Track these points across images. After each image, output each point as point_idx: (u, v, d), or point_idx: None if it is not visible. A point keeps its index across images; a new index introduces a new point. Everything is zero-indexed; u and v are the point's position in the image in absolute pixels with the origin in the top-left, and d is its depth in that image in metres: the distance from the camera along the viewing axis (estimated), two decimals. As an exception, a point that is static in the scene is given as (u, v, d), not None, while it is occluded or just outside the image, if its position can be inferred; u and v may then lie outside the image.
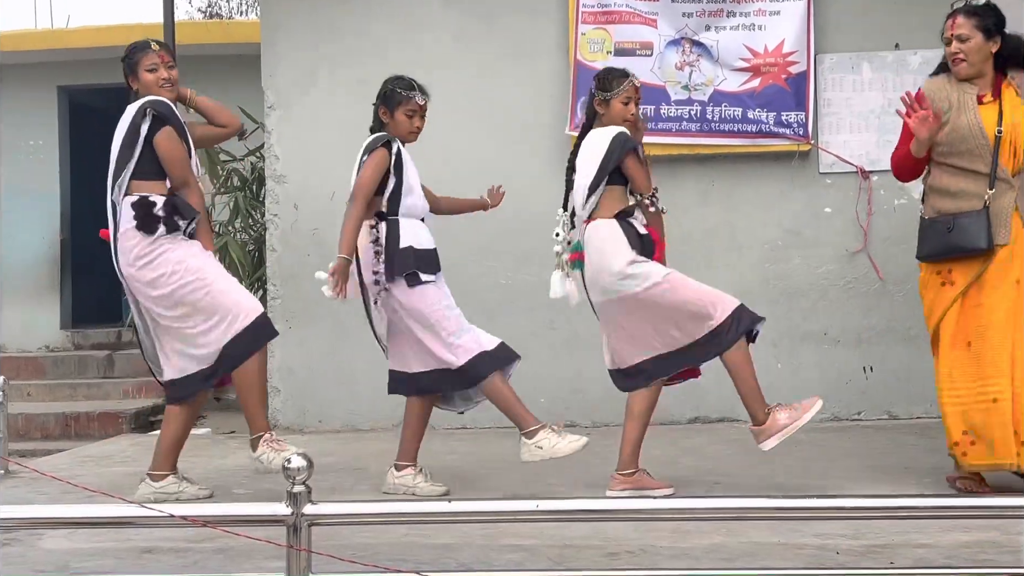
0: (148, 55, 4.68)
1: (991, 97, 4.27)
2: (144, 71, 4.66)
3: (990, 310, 4.20)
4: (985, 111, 4.24)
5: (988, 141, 4.19)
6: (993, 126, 4.20)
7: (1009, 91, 4.28)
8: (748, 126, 6.31)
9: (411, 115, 4.69)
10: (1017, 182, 4.23)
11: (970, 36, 4.24)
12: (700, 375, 4.73)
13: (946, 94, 4.29)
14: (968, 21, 4.25)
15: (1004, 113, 4.21)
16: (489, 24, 6.59)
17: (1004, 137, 4.18)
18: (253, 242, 7.56)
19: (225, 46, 9.17)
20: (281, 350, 6.65)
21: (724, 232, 6.43)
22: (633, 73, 4.64)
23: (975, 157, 4.22)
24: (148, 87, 4.65)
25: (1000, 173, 4.20)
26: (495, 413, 6.36)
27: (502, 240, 6.37)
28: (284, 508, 2.77)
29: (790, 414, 4.42)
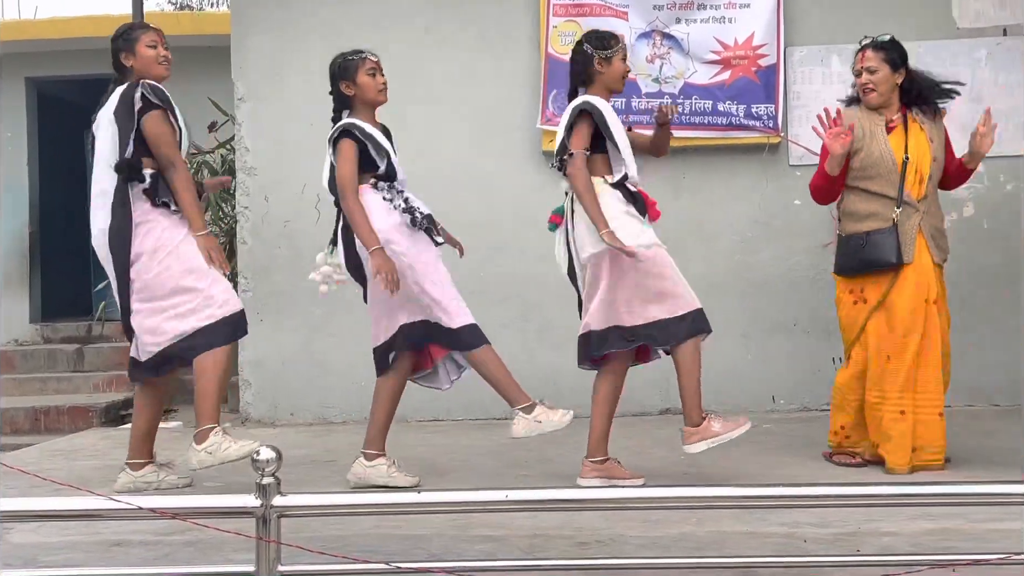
0: (148, 32, 4.76)
1: (899, 124, 4.66)
2: (145, 46, 4.69)
3: (907, 330, 4.56)
4: (893, 139, 4.63)
5: (896, 167, 4.58)
6: (901, 153, 4.58)
7: (915, 123, 4.66)
8: (718, 119, 6.34)
9: (372, 73, 4.69)
10: (921, 206, 4.60)
11: (878, 68, 4.64)
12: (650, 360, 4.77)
13: (859, 123, 4.66)
14: (876, 55, 4.65)
15: (909, 142, 4.61)
16: (460, 17, 6.58)
17: (910, 164, 4.57)
18: (224, 235, 7.52)
19: (195, 37, 9.10)
20: (252, 343, 6.62)
21: (695, 224, 6.46)
22: None
23: (885, 182, 4.59)
24: (147, 63, 4.68)
25: (906, 197, 4.58)
26: (468, 404, 6.41)
27: (474, 232, 6.35)
28: (253, 500, 2.77)
29: (724, 425, 4.49)
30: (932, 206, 4.64)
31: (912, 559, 3.06)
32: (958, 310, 6.24)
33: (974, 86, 6.22)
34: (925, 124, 4.66)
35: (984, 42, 6.25)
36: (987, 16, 6.16)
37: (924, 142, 4.62)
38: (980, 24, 6.20)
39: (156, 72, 4.72)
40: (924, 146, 4.61)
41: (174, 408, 7.71)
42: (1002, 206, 6.28)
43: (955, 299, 6.23)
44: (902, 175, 4.56)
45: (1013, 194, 6.28)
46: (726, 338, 6.42)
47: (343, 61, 4.72)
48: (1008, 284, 6.21)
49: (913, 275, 4.58)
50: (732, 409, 6.38)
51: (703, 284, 6.41)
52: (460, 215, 6.18)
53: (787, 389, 6.39)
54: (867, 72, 4.64)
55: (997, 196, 6.30)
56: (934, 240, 4.63)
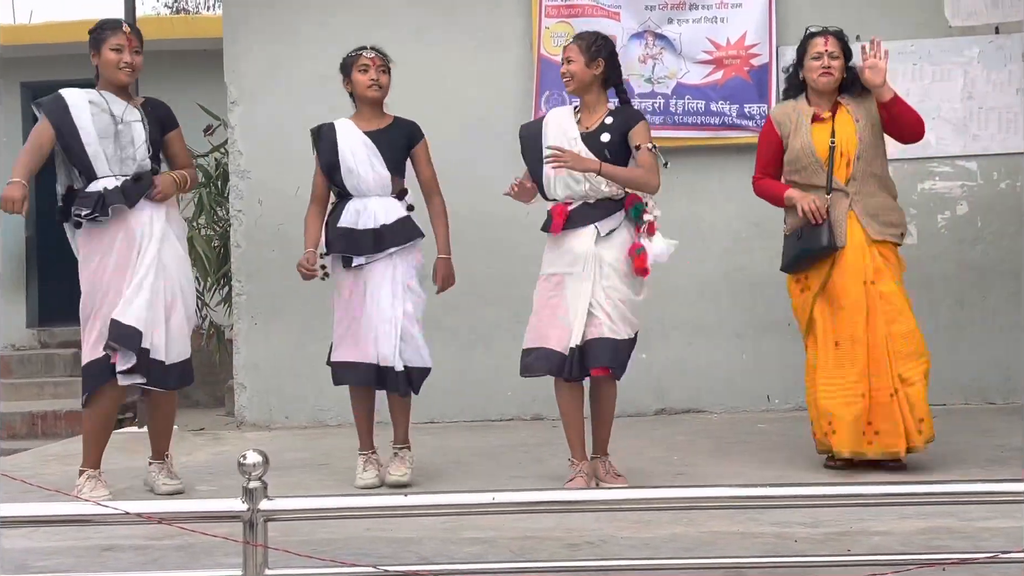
0: (117, 34, 4.63)
1: (828, 114, 4.69)
2: (108, 48, 4.61)
3: (851, 312, 4.58)
4: (819, 129, 4.68)
5: (820, 157, 4.64)
6: (826, 142, 4.64)
7: (842, 108, 4.70)
8: (711, 118, 6.34)
9: (364, 70, 4.73)
10: (851, 188, 4.62)
11: (838, 56, 4.70)
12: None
13: (787, 117, 4.76)
14: (837, 43, 4.72)
15: (836, 129, 4.65)
16: (452, 18, 6.58)
17: (836, 149, 4.62)
18: (218, 238, 7.52)
19: (189, 41, 9.12)
20: (246, 346, 6.63)
21: (688, 224, 6.44)
22: None
23: (810, 172, 4.67)
24: (107, 66, 4.61)
25: (835, 184, 4.62)
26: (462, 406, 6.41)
27: (465, 233, 6.34)
28: (240, 504, 2.77)
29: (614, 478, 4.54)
30: (867, 186, 4.64)
31: (902, 559, 3.07)
32: (953, 308, 6.28)
33: (966, 84, 6.22)
34: (851, 105, 4.69)
35: (976, 40, 6.24)
36: (979, 14, 6.16)
37: (850, 124, 4.64)
38: (972, 22, 6.21)
39: (115, 78, 4.63)
40: (850, 128, 4.63)
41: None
42: (996, 204, 6.28)
43: (949, 297, 6.27)
44: (829, 162, 4.61)
45: (1007, 192, 6.27)
46: (720, 338, 6.44)
47: (344, 58, 4.81)
48: (1002, 281, 6.21)
49: (849, 256, 4.59)
50: (727, 408, 6.40)
51: (696, 284, 6.45)
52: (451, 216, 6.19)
53: (782, 388, 6.37)
54: (829, 56, 4.67)
55: (991, 194, 6.29)
56: (873, 218, 4.62)
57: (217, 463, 5.47)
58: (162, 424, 4.81)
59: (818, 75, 4.68)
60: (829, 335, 4.63)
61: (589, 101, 4.61)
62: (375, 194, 4.71)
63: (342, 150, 4.71)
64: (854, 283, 4.59)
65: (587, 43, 4.59)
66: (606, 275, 4.44)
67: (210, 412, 7.60)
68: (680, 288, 6.43)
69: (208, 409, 7.78)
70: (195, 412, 7.63)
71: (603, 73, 4.59)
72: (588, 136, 4.53)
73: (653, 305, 6.40)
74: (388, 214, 4.68)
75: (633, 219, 4.50)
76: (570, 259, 4.47)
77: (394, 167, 4.75)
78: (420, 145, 4.85)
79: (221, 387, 7.71)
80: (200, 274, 7.40)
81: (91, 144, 4.56)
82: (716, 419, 6.26)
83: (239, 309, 6.68)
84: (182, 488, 4.66)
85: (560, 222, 4.48)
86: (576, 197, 4.50)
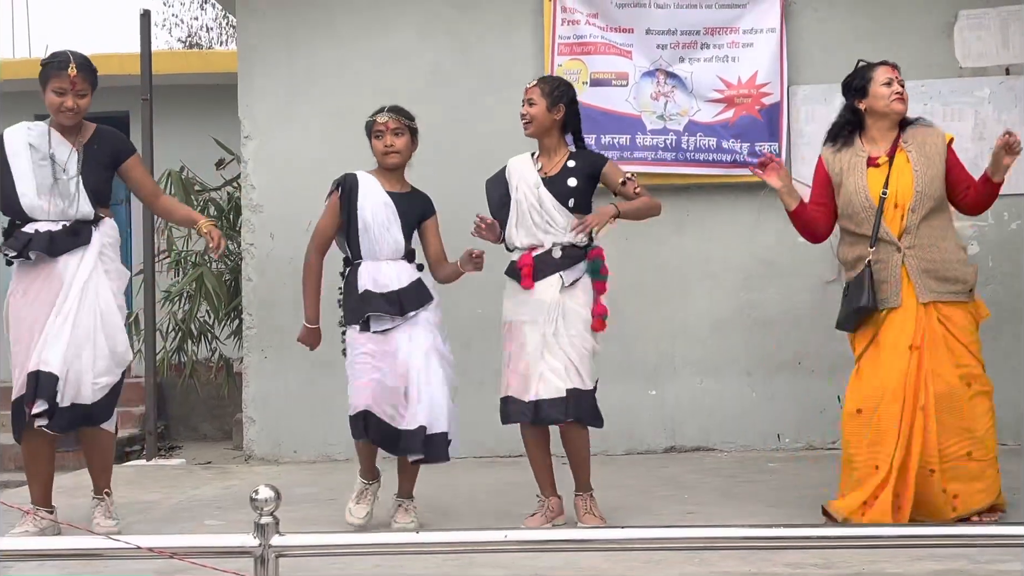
0: (60, 77, 4.45)
1: (885, 159, 4.39)
2: (51, 91, 4.48)
3: (885, 374, 4.26)
4: (873, 174, 4.37)
5: (872, 204, 4.33)
6: (879, 189, 4.32)
7: (901, 155, 4.38)
8: (722, 156, 6.36)
9: (379, 135, 4.63)
10: (904, 242, 4.31)
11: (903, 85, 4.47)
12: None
13: (840, 159, 4.46)
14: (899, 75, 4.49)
15: (892, 176, 4.33)
16: (465, 56, 6.63)
17: (888, 200, 4.30)
18: (229, 272, 7.55)
19: (203, 76, 9.18)
20: (256, 380, 6.63)
21: (699, 261, 6.47)
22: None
23: (861, 220, 4.35)
24: (50, 107, 4.51)
25: (883, 234, 4.31)
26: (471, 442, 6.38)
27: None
28: (251, 539, 2.75)
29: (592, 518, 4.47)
30: (923, 239, 4.30)
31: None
32: (964, 348, 6.26)
33: (977, 124, 6.24)
34: (912, 149, 4.38)
35: (987, 81, 6.27)
36: (989, 56, 6.21)
37: (908, 172, 4.33)
38: (983, 63, 6.26)
39: (57, 120, 4.52)
40: (907, 177, 4.32)
41: (178, 445, 7.72)
42: (1007, 244, 6.28)
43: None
44: (879, 211, 4.32)
45: (1018, 232, 6.27)
46: (730, 376, 6.42)
47: (365, 124, 4.73)
48: (1014, 322, 6.19)
49: (896, 318, 4.28)
50: (737, 447, 6.38)
51: (707, 321, 6.45)
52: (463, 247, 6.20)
53: (792, 427, 6.36)
54: (899, 83, 4.42)
55: (1002, 234, 6.30)
56: (929, 275, 4.28)
57: (225, 497, 5.45)
58: (97, 460, 4.66)
59: (892, 101, 4.38)
60: (854, 401, 4.34)
61: (548, 145, 4.61)
62: (387, 257, 4.59)
63: (362, 209, 4.58)
64: (893, 347, 4.26)
65: (550, 87, 4.59)
66: (570, 323, 4.41)
67: (218, 445, 7.60)
68: (690, 326, 6.43)
69: (216, 442, 7.78)
70: (203, 445, 7.64)
71: (563, 119, 4.59)
72: (550, 181, 4.53)
73: (663, 343, 6.46)
74: (401, 278, 4.57)
75: (589, 274, 4.47)
76: (533, 308, 4.45)
77: (408, 234, 4.65)
78: (432, 219, 4.76)
79: (229, 420, 7.71)
80: (210, 307, 7.42)
81: (27, 195, 4.47)
82: (726, 457, 6.23)
83: (249, 343, 6.68)
84: (117, 530, 4.43)
85: (528, 273, 4.47)
86: (538, 245, 4.50)
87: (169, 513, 4.89)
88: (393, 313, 4.50)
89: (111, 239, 4.61)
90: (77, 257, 4.49)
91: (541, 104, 4.54)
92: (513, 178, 4.61)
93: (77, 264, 4.48)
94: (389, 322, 4.51)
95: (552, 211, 4.47)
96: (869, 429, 4.26)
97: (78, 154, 4.54)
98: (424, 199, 4.77)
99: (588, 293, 4.46)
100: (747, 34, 6.36)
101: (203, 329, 7.63)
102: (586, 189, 4.53)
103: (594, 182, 4.57)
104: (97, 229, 4.55)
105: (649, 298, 6.43)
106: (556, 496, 4.55)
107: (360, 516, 4.63)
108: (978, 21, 6.27)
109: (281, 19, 6.69)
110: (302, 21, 6.68)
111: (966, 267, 4.38)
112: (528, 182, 4.53)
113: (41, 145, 4.52)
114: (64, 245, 4.47)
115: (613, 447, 6.36)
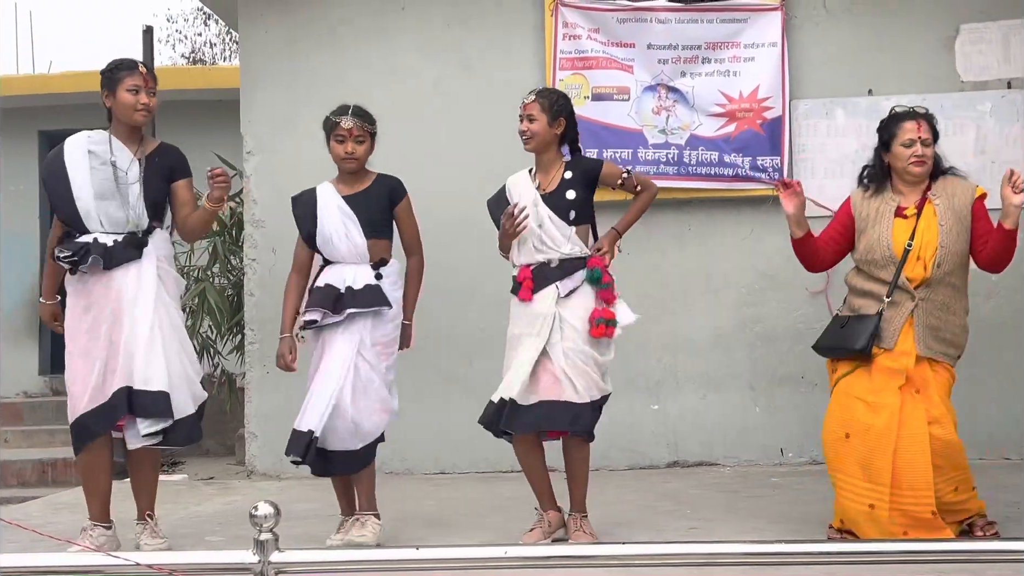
0: (133, 75, 4.49)
1: (913, 210, 4.38)
2: (124, 90, 4.49)
3: (874, 409, 4.22)
4: (900, 225, 4.36)
5: (895, 256, 4.31)
6: (904, 240, 4.31)
7: (929, 207, 4.36)
8: (724, 170, 6.36)
9: (341, 140, 4.61)
10: (919, 294, 4.30)
11: (931, 142, 4.37)
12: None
13: (869, 206, 4.44)
14: (929, 128, 4.37)
15: (918, 229, 4.32)
16: (467, 70, 6.64)
17: (912, 253, 4.28)
18: (231, 287, 7.55)
19: (206, 91, 9.21)
20: (258, 395, 6.62)
21: (701, 275, 6.46)
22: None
23: (880, 267, 4.34)
24: (123, 107, 4.50)
25: (902, 284, 4.30)
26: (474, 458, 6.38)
27: (477, 286, 6.38)
28: (251, 556, 2.75)
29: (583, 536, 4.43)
30: (938, 295, 4.30)
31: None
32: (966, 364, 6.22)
33: (979, 138, 6.24)
34: (939, 202, 4.35)
35: (988, 95, 6.27)
36: (991, 69, 6.22)
37: (934, 226, 4.30)
38: (984, 77, 6.27)
39: (132, 119, 4.52)
40: (933, 230, 4.30)
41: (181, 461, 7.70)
42: (1009, 258, 6.26)
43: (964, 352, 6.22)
44: (900, 263, 4.29)
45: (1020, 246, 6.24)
46: (733, 390, 6.41)
47: (325, 119, 4.71)
48: (1016, 336, 6.18)
49: (888, 358, 4.26)
50: (740, 462, 6.36)
51: (709, 336, 6.44)
52: (463, 268, 6.21)
53: (795, 442, 6.34)
54: (923, 144, 4.32)
55: (1004, 248, 6.28)
56: (931, 331, 4.29)
57: (227, 513, 5.44)
58: (145, 481, 4.64)
59: (910, 164, 4.34)
60: (845, 423, 4.28)
61: (546, 161, 4.60)
62: (350, 262, 4.60)
63: (320, 217, 4.62)
64: (887, 387, 4.23)
65: (549, 102, 4.57)
66: (567, 336, 4.39)
67: (220, 461, 7.59)
68: (693, 340, 6.42)
69: (218, 458, 7.76)
70: (205, 461, 7.62)
71: (564, 132, 4.59)
72: (549, 197, 4.51)
73: (665, 357, 6.45)
74: (357, 279, 4.56)
75: (589, 283, 4.46)
76: (529, 319, 4.45)
77: (374, 231, 4.62)
78: (402, 204, 4.72)
79: (231, 436, 7.70)
80: (213, 323, 7.42)
81: (82, 200, 4.45)
82: (729, 472, 6.21)
83: (251, 358, 6.68)
84: (168, 547, 4.49)
85: (528, 287, 4.47)
86: (537, 260, 4.50)
87: (170, 529, 4.88)
88: (326, 308, 4.50)
89: (164, 251, 4.60)
90: (134, 270, 4.44)
91: (542, 119, 4.53)
92: (513, 197, 4.61)
93: (137, 277, 4.44)
94: (318, 315, 4.51)
95: (551, 228, 4.47)
96: (863, 457, 4.20)
97: (140, 164, 4.54)
98: (390, 185, 4.72)
99: (587, 303, 4.44)
100: (748, 48, 6.37)
101: (206, 344, 7.63)
102: (586, 199, 4.53)
103: (592, 188, 4.56)
104: (152, 241, 4.53)
105: (651, 312, 6.40)
106: (555, 509, 4.53)
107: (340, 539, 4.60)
108: (979, 35, 6.27)
109: (283, 35, 6.71)
110: (304, 37, 6.70)
111: (964, 333, 4.41)
112: (527, 200, 4.53)
113: (102, 151, 4.51)
114: (120, 257, 4.43)
115: (615, 462, 6.35)
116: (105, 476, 4.57)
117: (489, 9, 6.61)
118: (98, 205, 4.44)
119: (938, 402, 4.27)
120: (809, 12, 6.41)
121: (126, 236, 4.47)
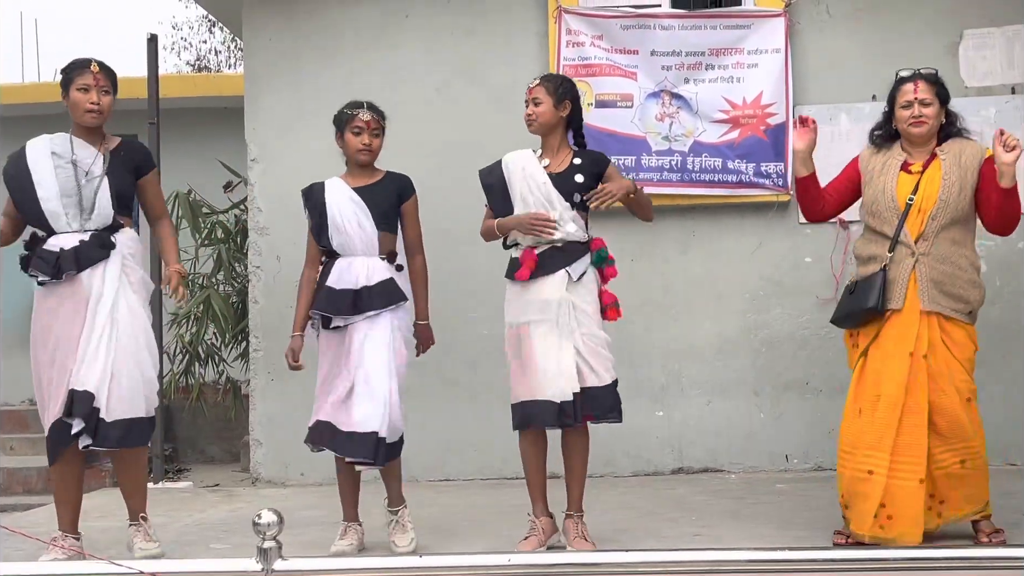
0: (84, 74, 4.46)
1: (919, 167, 4.40)
2: (75, 89, 4.47)
3: (886, 379, 4.27)
4: (904, 178, 4.39)
5: (897, 206, 4.34)
6: (907, 194, 4.34)
7: (936, 163, 4.39)
8: (728, 176, 6.36)
9: (358, 132, 4.63)
10: (919, 248, 4.31)
11: (932, 102, 4.40)
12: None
13: (876, 159, 4.50)
14: (930, 88, 4.41)
15: (921, 184, 4.35)
16: (471, 75, 6.64)
17: (914, 207, 4.32)
18: (236, 294, 7.55)
19: (211, 99, 9.22)
20: (263, 402, 6.63)
21: (705, 281, 6.46)
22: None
23: (884, 220, 4.37)
24: (75, 107, 4.48)
25: (903, 238, 4.32)
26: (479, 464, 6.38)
27: (483, 291, 6.37)
28: (254, 564, 2.75)
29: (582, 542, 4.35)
30: (938, 248, 4.30)
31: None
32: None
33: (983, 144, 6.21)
34: (947, 159, 4.37)
35: (993, 100, 6.26)
36: (995, 75, 6.21)
37: (937, 181, 4.32)
38: (988, 83, 6.27)
39: (82, 120, 4.49)
40: (935, 185, 4.32)
41: (186, 467, 7.71)
42: (1014, 263, 6.25)
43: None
44: (903, 215, 4.32)
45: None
46: (738, 397, 6.40)
47: (339, 113, 4.74)
48: (1022, 341, 6.17)
49: (899, 322, 4.29)
50: (745, 468, 6.35)
51: (714, 342, 6.43)
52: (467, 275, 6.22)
53: (801, 448, 6.33)
54: (920, 104, 4.37)
55: (1009, 253, 6.27)
56: (935, 285, 4.28)
57: (232, 520, 5.44)
58: (131, 484, 4.60)
59: (908, 125, 4.39)
60: (856, 401, 4.34)
61: (552, 143, 4.59)
62: (361, 253, 4.59)
63: (330, 207, 4.62)
64: (896, 352, 4.27)
65: (554, 85, 4.58)
66: (582, 322, 4.39)
67: (225, 468, 7.59)
68: (698, 346, 6.42)
69: (223, 465, 7.76)
70: (210, 468, 7.63)
71: (568, 115, 4.59)
72: (557, 178, 4.50)
73: (670, 363, 6.44)
74: (371, 275, 4.56)
75: (595, 264, 4.48)
76: (539, 306, 4.41)
77: (383, 223, 4.63)
78: (410, 201, 4.74)
79: (236, 443, 7.70)
80: (217, 330, 7.43)
81: (49, 200, 4.43)
82: (734, 479, 6.20)
83: (256, 365, 6.68)
84: (160, 552, 4.38)
85: (530, 268, 4.43)
86: (542, 242, 4.46)
87: (175, 536, 4.88)
88: (346, 313, 4.51)
89: (131, 249, 4.57)
90: (100, 270, 4.44)
91: (547, 102, 4.53)
92: (514, 176, 4.57)
93: (101, 278, 4.43)
94: (341, 321, 4.52)
95: (560, 207, 4.45)
96: (872, 429, 4.26)
97: (104, 157, 4.53)
98: (400, 181, 4.75)
99: (594, 287, 4.47)
100: (752, 55, 6.36)
101: (210, 351, 7.64)
102: (591, 188, 4.50)
103: (597, 180, 4.55)
104: (117, 239, 4.51)
105: (655, 318, 6.42)
106: (547, 516, 4.50)
107: (344, 546, 4.45)
108: (983, 40, 6.27)
109: (288, 43, 6.72)
110: (309, 45, 6.71)
111: (974, 288, 4.37)
112: (536, 180, 4.50)
113: (63, 151, 4.51)
114: (89, 258, 4.43)
115: (620, 468, 6.34)
116: (76, 486, 4.55)
117: (492, 17, 6.62)
118: (63, 203, 4.44)
119: (945, 371, 4.26)
120: (812, 18, 6.42)
121: (92, 235, 4.46)
